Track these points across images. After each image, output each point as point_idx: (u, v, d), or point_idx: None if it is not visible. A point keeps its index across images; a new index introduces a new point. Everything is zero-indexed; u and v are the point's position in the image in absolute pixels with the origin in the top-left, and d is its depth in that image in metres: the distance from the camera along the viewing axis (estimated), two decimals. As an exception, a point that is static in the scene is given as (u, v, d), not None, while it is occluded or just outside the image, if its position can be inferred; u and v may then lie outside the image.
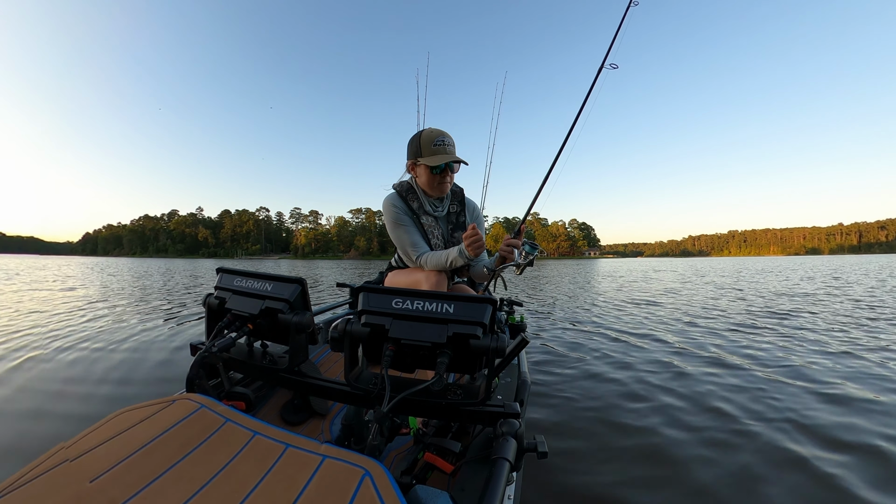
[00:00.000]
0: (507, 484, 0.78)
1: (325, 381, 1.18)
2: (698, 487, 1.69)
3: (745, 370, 3.22)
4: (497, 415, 0.99)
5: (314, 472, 0.72)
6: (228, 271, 1.32)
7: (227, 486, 0.69)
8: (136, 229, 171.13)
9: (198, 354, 1.12)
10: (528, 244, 1.74)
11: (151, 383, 2.88)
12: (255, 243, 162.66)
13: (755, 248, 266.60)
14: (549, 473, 1.76)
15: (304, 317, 1.16)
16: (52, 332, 4.49)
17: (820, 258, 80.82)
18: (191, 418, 0.86)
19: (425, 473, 1.04)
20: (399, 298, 1.01)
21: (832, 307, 6.87)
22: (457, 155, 1.84)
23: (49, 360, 3.36)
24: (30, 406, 2.42)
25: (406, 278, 1.93)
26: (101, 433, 0.81)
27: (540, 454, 0.90)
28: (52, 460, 0.74)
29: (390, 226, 1.92)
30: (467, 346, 0.95)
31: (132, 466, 0.72)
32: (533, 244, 1.74)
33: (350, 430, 1.11)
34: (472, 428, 1.29)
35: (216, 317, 1.26)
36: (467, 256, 1.72)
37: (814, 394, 2.70)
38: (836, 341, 4.25)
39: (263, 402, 1.59)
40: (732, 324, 5.35)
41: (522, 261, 1.73)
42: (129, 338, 4.27)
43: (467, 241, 1.69)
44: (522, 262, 1.73)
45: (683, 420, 2.30)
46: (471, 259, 1.74)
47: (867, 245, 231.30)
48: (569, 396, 2.65)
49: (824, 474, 1.77)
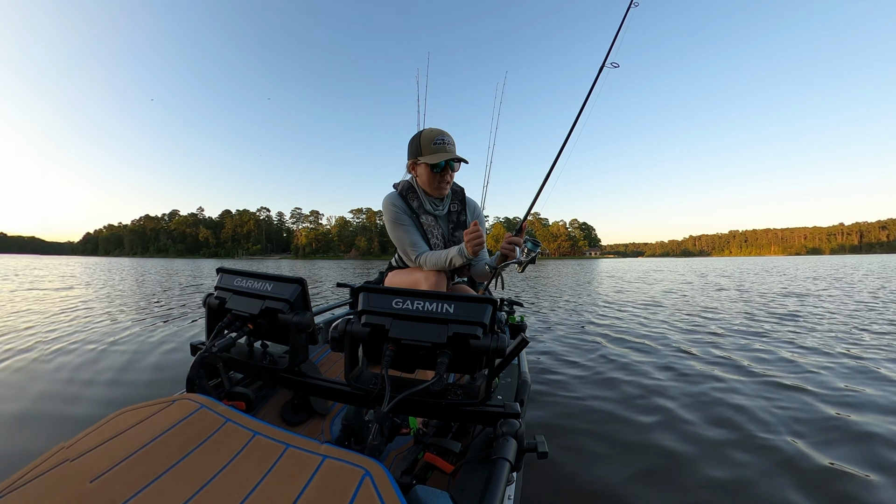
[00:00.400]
0: (507, 484, 0.78)
1: (326, 381, 1.18)
2: (700, 488, 1.69)
3: (752, 372, 3.22)
4: (497, 415, 0.98)
5: (314, 472, 0.72)
6: (228, 271, 1.32)
7: (227, 486, 0.69)
8: (136, 229, 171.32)
9: (198, 354, 1.12)
10: (530, 241, 1.75)
11: (151, 384, 2.88)
12: (255, 243, 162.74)
13: (756, 249, 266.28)
14: (549, 473, 1.76)
15: (304, 317, 1.16)
16: (49, 332, 4.50)
17: (821, 258, 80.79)
18: (191, 418, 0.86)
19: (425, 473, 1.04)
20: (399, 298, 1.01)
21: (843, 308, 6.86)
22: (457, 154, 1.84)
23: (48, 361, 3.37)
24: (31, 406, 2.43)
25: (406, 278, 1.93)
26: (102, 433, 0.81)
27: (540, 454, 0.90)
28: (52, 460, 0.74)
29: (390, 225, 1.92)
30: (467, 347, 0.95)
31: (132, 466, 0.72)
32: (535, 241, 1.75)
33: (350, 430, 1.11)
34: (472, 428, 1.28)
35: (216, 317, 1.26)
36: (467, 255, 1.72)
37: (823, 401, 2.69)
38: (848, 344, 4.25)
39: (263, 402, 1.59)
40: (731, 324, 5.35)
41: (525, 258, 1.73)
42: (128, 338, 4.27)
43: (468, 239, 1.69)
44: (525, 259, 1.73)
45: (685, 420, 2.29)
46: (470, 258, 1.74)
47: (868, 245, 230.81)
48: (569, 396, 2.65)
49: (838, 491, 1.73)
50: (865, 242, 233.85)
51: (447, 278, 1.99)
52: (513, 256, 1.75)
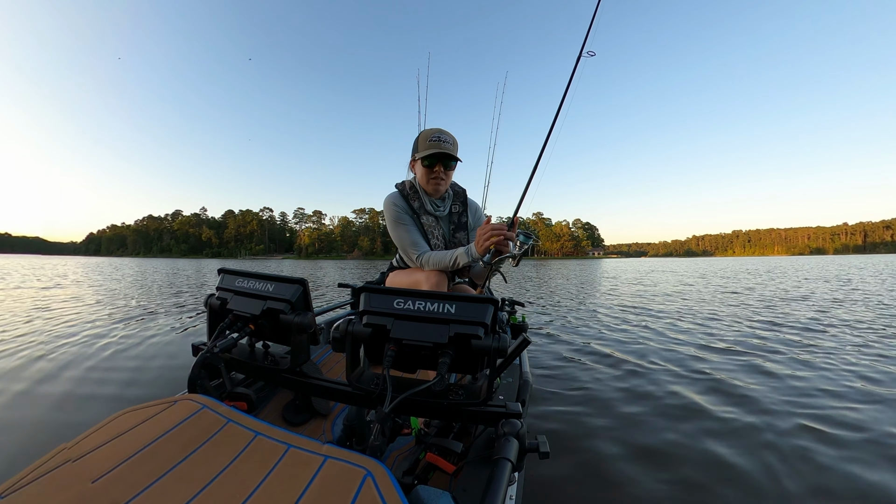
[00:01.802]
0: (508, 484, 0.78)
1: (327, 382, 1.18)
2: (705, 487, 1.68)
3: (762, 373, 3.20)
4: (499, 415, 0.98)
5: (316, 472, 0.72)
6: (230, 272, 1.32)
7: (229, 486, 0.69)
8: (139, 229, 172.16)
9: (199, 355, 1.12)
10: (522, 234, 1.72)
11: (152, 384, 2.88)
12: (258, 243, 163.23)
13: (759, 248, 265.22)
14: (550, 473, 1.76)
15: (305, 317, 1.16)
16: (47, 333, 4.52)
17: (825, 258, 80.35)
18: (193, 419, 0.86)
19: (427, 474, 1.04)
20: (400, 299, 1.01)
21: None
22: (458, 156, 1.83)
23: (52, 360, 3.38)
24: (33, 407, 2.44)
25: (406, 278, 1.93)
26: (103, 434, 0.81)
27: (541, 454, 0.90)
28: (54, 461, 0.74)
29: (391, 225, 1.91)
30: (469, 347, 0.95)
31: (134, 467, 0.72)
32: (527, 233, 1.73)
33: (352, 431, 1.11)
34: (473, 428, 1.29)
35: (218, 317, 1.26)
36: (474, 255, 1.70)
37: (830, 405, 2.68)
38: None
39: (265, 402, 1.59)
40: (736, 325, 5.33)
41: (518, 251, 1.72)
42: (132, 337, 4.29)
43: (483, 234, 1.64)
44: (518, 252, 1.72)
45: (690, 419, 2.28)
46: (478, 258, 1.72)
47: (872, 245, 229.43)
48: (571, 396, 2.64)
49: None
50: (870, 242, 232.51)
51: (448, 279, 1.99)
52: (507, 251, 1.73)
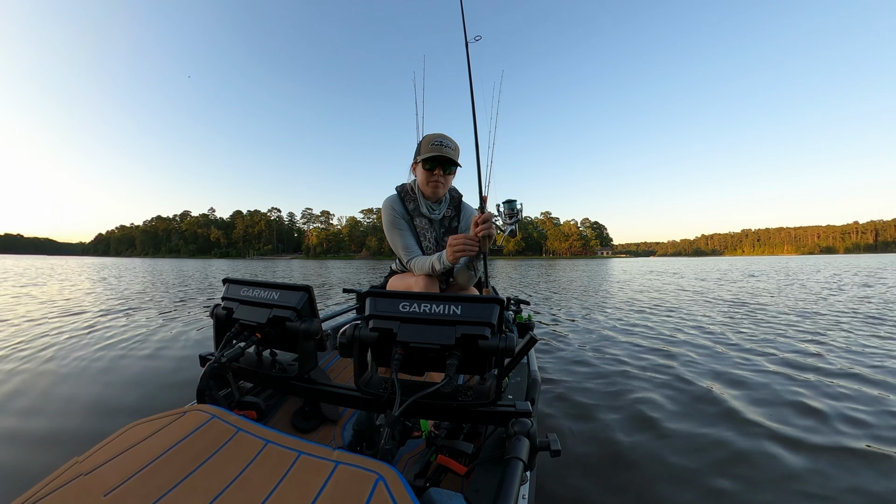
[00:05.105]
0: (521, 483, 0.78)
1: (336, 388, 1.18)
2: (718, 488, 1.66)
3: (775, 374, 3.16)
4: (508, 414, 0.98)
5: (328, 478, 0.72)
6: (235, 281, 1.32)
7: (240, 495, 0.69)
8: (148, 230, 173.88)
9: (207, 365, 1.11)
10: (503, 204, 1.66)
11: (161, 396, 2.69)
12: (266, 243, 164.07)
13: (769, 248, 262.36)
14: (562, 472, 1.74)
15: (311, 324, 1.16)
16: (47, 339, 4.57)
17: (835, 257, 79.10)
18: (202, 429, 0.86)
19: (439, 476, 1.04)
20: (406, 302, 1.01)
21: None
22: (458, 161, 1.86)
23: (65, 364, 3.40)
24: (43, 418, 2.46)
25: (402, 282, 1.96)
26: (114, 447, 0.82)
27: (553, 452, 0.89)
28: (66, 475, 0.74)
29: (386, 228, 1.95)
30: (476, 347, 0.94)
31: (146, 479, 0.72)
32: (508, 200, 1.65)
33: (362, 436, 1.11)
34: (483, 429, 1.28)
35: (224, 327, 1.26)
36: (445, 263, 1.71)
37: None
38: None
39: (274, 410, 1.59)
40: (743, 327, 5.27)
41: (509, 221, 1.65)
42: (142, 346, 4.25)
43: (450, 244, 1.64)
44: (509, 222, 1.65)
45: (699, 421, 2.25)
46: (448, 265, 1.71)
47: (884, 244, 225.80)
48: (581, 393, 2.62)
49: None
50: (881, 241, 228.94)
51: (442, 281, 2.02)
52: (492, 233, 1.61)
